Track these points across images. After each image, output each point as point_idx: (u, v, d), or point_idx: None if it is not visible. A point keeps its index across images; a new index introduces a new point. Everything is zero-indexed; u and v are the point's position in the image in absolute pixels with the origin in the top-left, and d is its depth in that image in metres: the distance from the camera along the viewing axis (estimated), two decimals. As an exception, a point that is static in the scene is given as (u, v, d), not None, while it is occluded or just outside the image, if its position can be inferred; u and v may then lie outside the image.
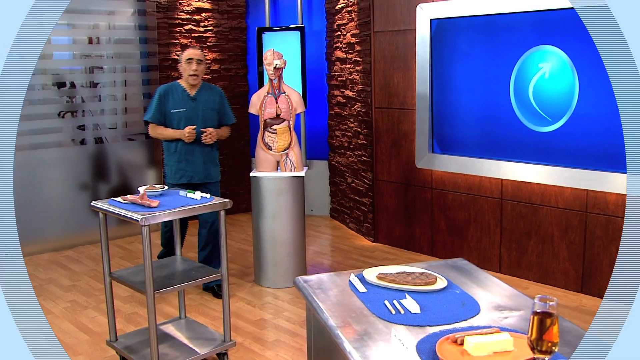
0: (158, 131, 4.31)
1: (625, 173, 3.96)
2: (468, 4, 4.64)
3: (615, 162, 4.01)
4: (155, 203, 3.12)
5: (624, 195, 4.06)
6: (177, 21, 6.26)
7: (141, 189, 3.35)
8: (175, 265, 3.50)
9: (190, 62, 4.24)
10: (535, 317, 1.48)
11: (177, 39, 6.29)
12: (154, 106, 4.28)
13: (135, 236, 5.95)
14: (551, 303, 1.47)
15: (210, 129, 4.26)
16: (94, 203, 3.30)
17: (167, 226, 4.31)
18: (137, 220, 2.94)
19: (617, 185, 4.02)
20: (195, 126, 4.21)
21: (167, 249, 4.37)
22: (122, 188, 5.95)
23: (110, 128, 5.98)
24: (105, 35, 5.87)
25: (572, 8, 4.04)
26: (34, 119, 5.49)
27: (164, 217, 3.05)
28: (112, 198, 3.34)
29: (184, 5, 6.29)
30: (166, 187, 3.49)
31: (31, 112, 5.47)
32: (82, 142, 5.80)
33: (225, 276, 3.34)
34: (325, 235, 6.03)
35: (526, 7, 4.31)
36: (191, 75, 4.24)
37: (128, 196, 3.26)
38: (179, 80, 4.38)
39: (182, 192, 3.43)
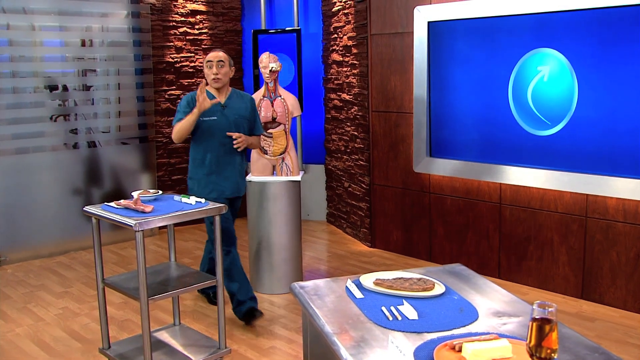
0: (178, 127, 3.80)
1: (624, 177, 3.93)
2: (466, 6, 4.61)
3: (615, 166, 3.98)
4: (149, 208, 3.09)
5: (624, 200, 4.03)
6: (171, 23, 6.23)
7: (135, 194, 3.33)
8: (169, 271, 3.47)
9: (211, 64, 3.88)
10: (534, 323, 1.49)
11: (172, 42, 6.25)
12: (181, 112, 3.86)
13: (128, 242, 5.89)
14: (550, 309, 1.48)
15: (240, 134, 3.88)
16: (87, 208, 3.27)
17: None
18: (131, 226, 2.92)
19: (617, 190, 3.98)
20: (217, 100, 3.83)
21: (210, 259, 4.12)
22: (115, 193, 5.90)
23: (103, 132, 5.92)
24: (99, 37, 5.82)
25: (572, 10, 4.02)
26: (26, 122, 5.44)
27: (158, 222, 3.03)
28: (105, 203, 3.31)
29: (179, 8, 6.26)
30: (160, 192, 3.44)
31: (23, 116, 5.43)
32: (75, 146, 5.74)
33: (220, 282, 3.31)
34: (322, 241, 5.99)
35: (525, 9, 4.28)
36: (213, 79, 3.89)
37: (121, 201, 3.24)
38: (207, 87, 3.98)
39: (176, 197, 3.39)
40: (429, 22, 4.84)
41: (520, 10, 4.31)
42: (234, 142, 3.87)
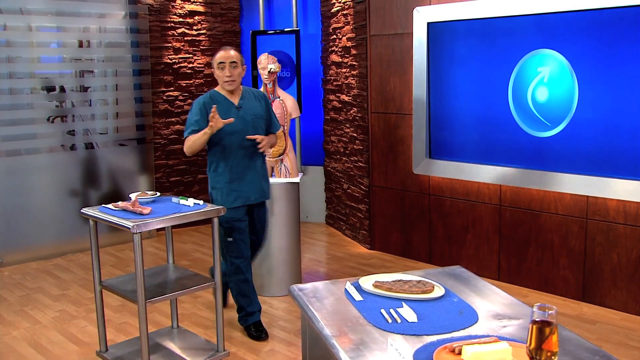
0: (190, 142, 3.60)
1: (625, 178, 3.91)
2: (466, 7, 4.59)
3: (616, 167, 3.96)
4: (147, 210, 3.08)
5: (624, 201, 4.01)
6: (169, 24, 6.21)
7: (132, 196, 3.33)
8: (167, 274, 3.45)
9: (223, 66, 3.63)
10: (534, 326, 1.49)
11: (170, 43, 6.23)
12: (193, 120, 3.62)
13: (126, 244, 5.87)
14: (550, 311, 1.48)
15: (261, 136, 3.67)
16: (84, 210, 3.27)
17: (234, 236, 3.73)
18: (129, 228, 2.91)
19: (617, 191, 3.97)
20: (231, 120, 3.61)
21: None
22: (113, 194, 5.88)
23: (101, 133, 5.90)
24: (96, 38, 5.81)
25: (572, 11, 4.01)
26: (23, 123, 5.42)
27: (156, 224, 3.02)
28: (103, 205, 3.31)
29: (177, 8, 6.24)
30: (158, 194, 3.42)
31: (19, 117, 5.40)
32: (72, 147, 5.71)
33: (218, 284, 3.30)
34: (321, 243, 5.97)
35: (525, 10, 4.27)
36: (226, 81, 3.65)
37: (119, 203, 3.24)
38: (216, 89, 3.76)
39: (174, 199, 3.37)
40: (428, 23, 4.83)
41: (520, 11, 4.29)
42: (258, 146, 3.68)
